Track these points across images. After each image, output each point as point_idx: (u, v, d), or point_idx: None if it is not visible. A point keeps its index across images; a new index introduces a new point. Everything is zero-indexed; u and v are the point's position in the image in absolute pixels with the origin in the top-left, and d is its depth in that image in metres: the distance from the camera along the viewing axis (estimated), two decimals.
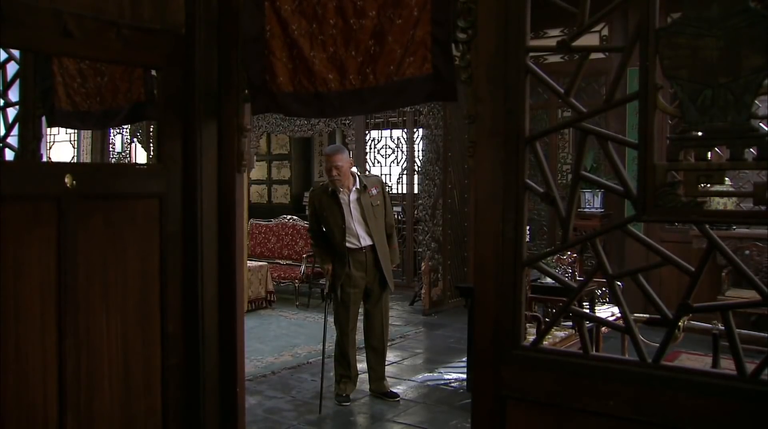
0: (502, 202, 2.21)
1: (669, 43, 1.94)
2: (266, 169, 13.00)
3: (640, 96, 1.97)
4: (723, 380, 1.90)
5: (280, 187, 12.93)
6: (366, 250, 4.84)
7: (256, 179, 12.89)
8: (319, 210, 4.89)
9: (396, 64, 2.43)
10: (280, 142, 12.72)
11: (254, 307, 8.00)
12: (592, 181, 2.15)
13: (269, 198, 13.00)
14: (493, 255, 2.23)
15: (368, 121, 9.58)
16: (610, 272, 2.07)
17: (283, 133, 10.65)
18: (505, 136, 2.20)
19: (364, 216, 4.83)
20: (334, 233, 4.84)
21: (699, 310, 1.93)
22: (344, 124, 9.94)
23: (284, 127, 10.46)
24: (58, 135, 10.79)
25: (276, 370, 5.65)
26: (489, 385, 2.27)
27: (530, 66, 2.17)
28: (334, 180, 4.75)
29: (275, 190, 12.98)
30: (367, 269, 4.86)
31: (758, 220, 1.89)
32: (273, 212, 11.22)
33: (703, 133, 1.90)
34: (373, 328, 5.05)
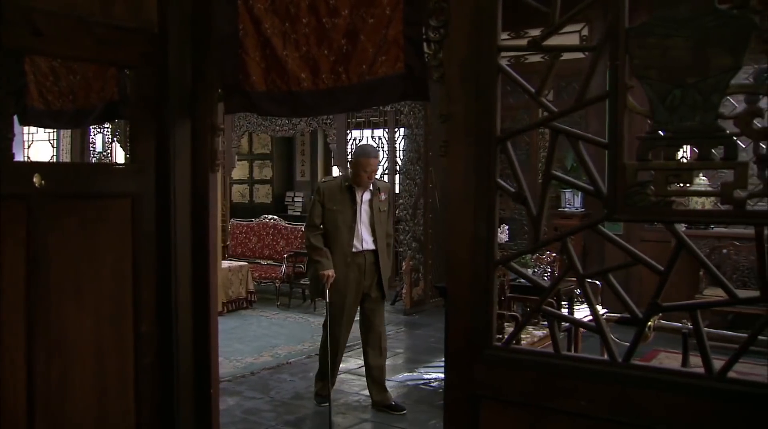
0: (474, 201, 2.21)
1: (639, 43, 1.94)
2: (248, 169, 12.95)
3: (609, 96, 1.97)
4: (691, 379, 1.90)
5: (261, 186, 12.88)
6: (366, 253, 4.66)
7: (237, 179, 12.83)
8: (328, 204, 4.61)
9: (369, 64, 2.42)
10: (262, 142, 12.67)
11: (235, 308, 7.97)
12: (563, 180, 2.15)
13: (251, 198, 12.95)
14: (465, 254, 2.23)
15: (350, 121, 9.55)
16: (581, 272, 2.07)
17: (265, 132, 10.62)
18: (477, 135, 2.20)
19: (372, 219, 4.66)
20: (340, 232, 4.59)
21: (668, 310, 1.94)
22: (326, 124, 9.91)
23: (265, 126, 10.43)
24: (37, 134, 10.66)
25: (255, 370, 5.63)
26: (462, 385, 2.26)
27: (502, 65, 2.17)
28: (364, 182, 4.55)
29: (257, 190, 12.92)
30: (365, 273, 4.67)
31: (727, 219, 1.90)
32: (255, 212, 11.18)
33: (672, 132, 1.90)
34: (371, 338, 4.83)
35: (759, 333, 1.85)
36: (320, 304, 8.33)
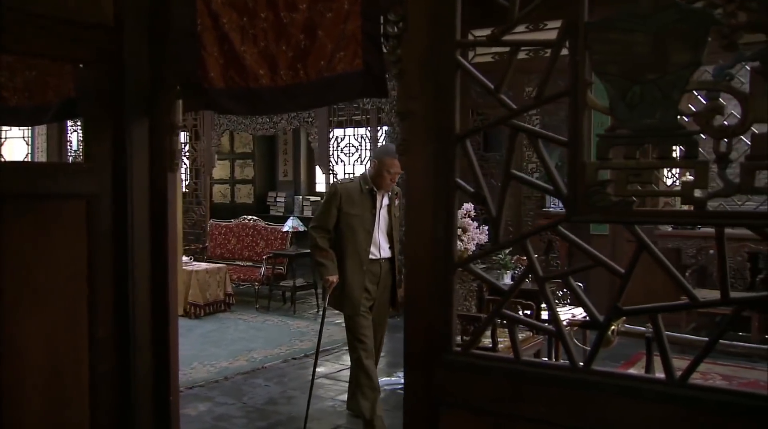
0: (433, 201, 2.17)
1: (599, 38, 1.92)
2: (229, 168, 12.88)
3: (570, 92, 1.94)
4: (652, 385, 1.88)
5: (243, 186, 12.82)
6: (382, 262, 4.43)
7: (218, 179, 12.77)
8: (346, 208, 4.30)
9: (327, 60, 2.38)
10: (244, 141, 12.61)
11: (212, 310, 7.92)
12: (523, 180, 2.12)
13: (232, 198, 12.89)
14: (424, 256, 2.20)
15: (331, 119, 9.52)
16: (540, 274, 2.04)
17: (245, 131, 10.57)
18: (437, 133, 2.17)
19: (390, 226, 4.45)
20: (358, 237, 4.30)
21: (629, 313, 1.91)
22: (307, 122, 9.87)
23: (246, 124, 10.39)
24: (10, 131, 10.56)
25: (229, 375, 5.58)
26: (421, 391, 2.23)
27: (461, 61, 2.14)
28: (386, 184, 4.31)
29: (238, 190, 12.86)
30: (379, 282, 4.42)
31: (687, 220, 1.88)
32: (236, 212, 11.11)
33: (632, 130, 1.88)
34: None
35: (719, 338, 1.82)
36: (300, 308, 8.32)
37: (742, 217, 1.79)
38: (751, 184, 1.74)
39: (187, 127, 10.43)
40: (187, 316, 7.65)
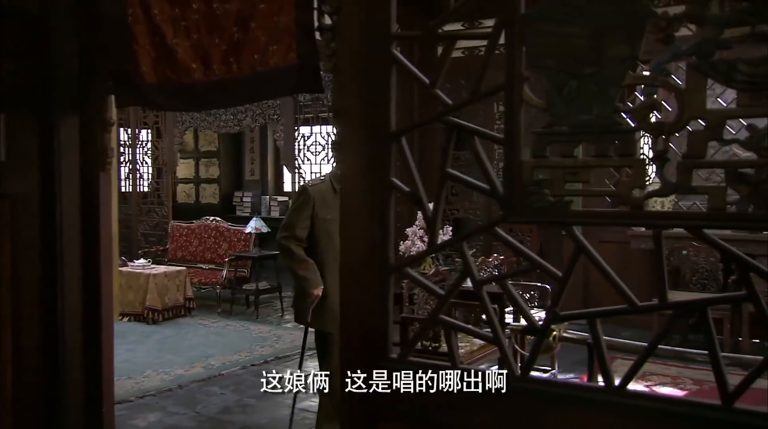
0: (369, 201, 2.13)
1: (535, 30, 1.88)
2: (194, 167, 12.75)
3: (506, 87, 1.91)
4: (591, 393, 1.85)
5: (208, 186, 12.69)
6: None
7: (183, 178, 12.64)
8: (321, 213, 3.99)
9: (260, 53, 2.33)
10: (209, 139, 12.49)
11: (172, 315, 7.82)
12: (459, 179, 2.08)
13: (197, 198, 12.76)
14: (358, 258, 2.15)
15: (297, 117, 9.46)
16: (477, 278, 2.00)
17: (208, 128, 10.47)
18: (371, 130, 2.12)
19: None
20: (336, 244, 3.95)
21: (567, 318, 1.88)
22: (273, 119, 9.81)
23: (209, 122, 10.30)
24: None
25: (184, 383, 5.49)
26: (359, 401, 2.18)
27: (396, 55, 2.09)
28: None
29: (203, 190, 12.74)
30: None
31: (624, 221, 1.85)
32: (201, 213, 10.99)
33: (568, 127, 1.85)
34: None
35: (658, 343, 1.80)
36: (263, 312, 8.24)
37: (679, 218, 1.77)
38: (689, 184, 1.72)
39: (149, 124, 10.33)
40: (145, 321, 7.55)
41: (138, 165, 10.47)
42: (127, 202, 10.48)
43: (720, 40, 1.67)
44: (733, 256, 1.70)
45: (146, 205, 10.44)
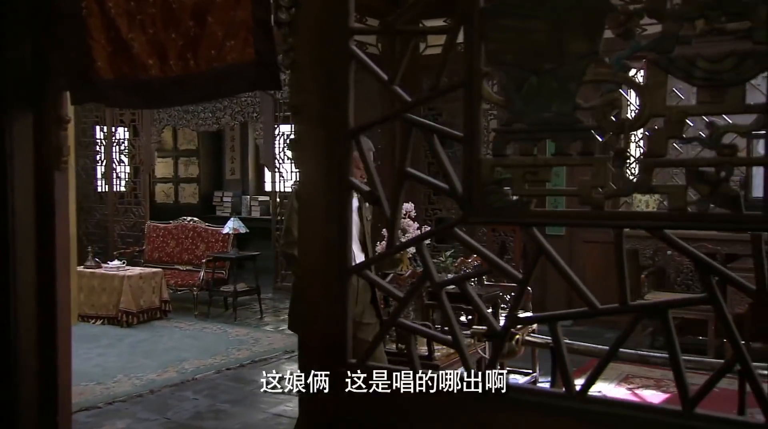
0: (326, 201, 2.10)
1: (495, 25, 1.86)
2: (173, 166, 12.65)
3: (465, 84, 1.88)
4: (551, 399, 1.83)
5: (187, 185, 12.60)
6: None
7: (161, 177, 12.55)
8: None
9: (217, 48, 2.30)
10: (188, 137, 12.40)
11: (147, 318, 7.73)
12: (418, 179, 2.06)
13: (176, 198, 12.66)
14: (317, 260, 2.13)
15: (277, 115, 9.39)
16: (436, 280, 1.98)
17: (186, 126, 10.39)
18: (329, 128, 2.09)
19: (363, 231, 3.97)
20: None
21: (526, 322, 1.86)
22: (252, 118, 9.75)
23: (187, 119, 10.22)
24: None
25: (156, 388, 5.43)
26: (316, 408, 2.15)
27: (354, 50, 2.06)
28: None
29: (182, 189, 12.64)
30: (357, 298, 3.79)
31: (585, 222, 1.83)
32: (180, 213, 10.90)
33: (528, 124, 1.83)
34: None
35: (618, 347, 1.78)
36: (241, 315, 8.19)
37: (639, 218, 1.76)
38: (649, 183, 1.70)
39: (125, 122, 10.24)
40: (119, 324, 7.48)
41: (114, 164, 10.38)
42: (103, 202, 10.39)
43: (680, 36, 1.66)
44: (694, 257, 1.69)
45: (123, 205, 10.35)
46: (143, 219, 10.05)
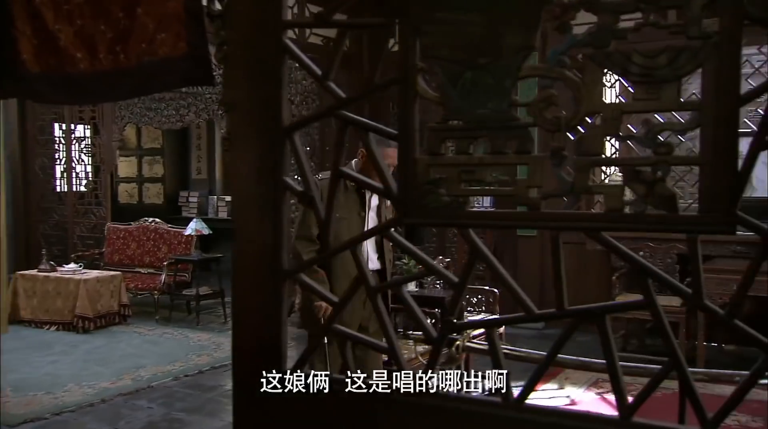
0: (260, 203, 2.06)
1: (430, 18, 1.83)
2: (136, 166, 12.53)
3: (400, 80, 1.85)
4: (485, 407, 1.81)
5: (152, 185, 12.49)
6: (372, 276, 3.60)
7: (124, 177, 12.43)
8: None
9: (148, 41, 2.25)
10: (152, 135, 12.29)
11: (105, 323, 7.64)
12: (356, 179, 2.02)
13: (140, 198, 12.54)
14: (250, 263, 2.09)
15: None
16: (371, 284, 1.94)
17: (149, 124, 10.31)
18: (262, 126, 2.05)
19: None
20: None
21: (462, 328, 1.84)
22: (218, 115, 9.68)
23: (150, 117, 10.14)
24: None
25: (108, 397, 5.35)
26: (250, 417, 2.12)
27: (288, 44, 2.02)
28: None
29: (147, 189, 12.53)
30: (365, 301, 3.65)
31: (522, 223, 1.81)
32: (144, 214, 10.79)
33: (464, 122, 1.80)
34: None
35: (556, 353, 1.76)
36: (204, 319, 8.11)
37: (578, 220, 1.74)
38: (586, 183, 1.68)
39: (85, 119, 10.11)
40: (75, 330, 7.38)
41: (74, 163, 10.23)
42: (62, 202, 10.24)
43: (616, 30, 1.64)
44: (631, 261, 1.67)
45: (83, 205, 10.21)
46: (104, 220, 9.93)
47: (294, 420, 2.06)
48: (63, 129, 10.12)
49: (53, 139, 10.22)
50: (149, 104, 10.05)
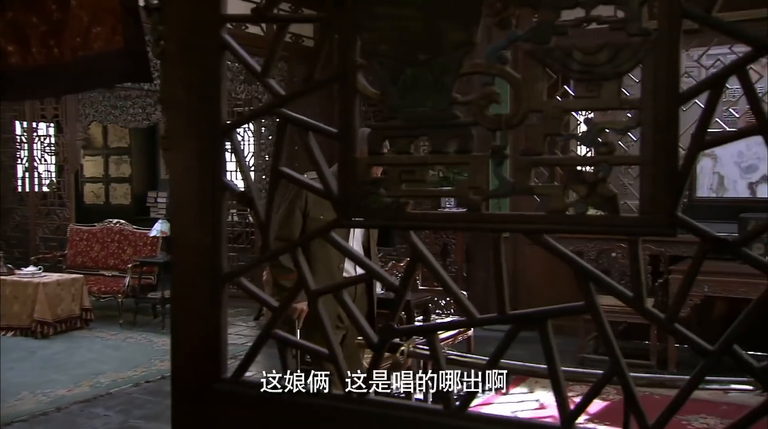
0: (199, 203, 2.02)
1: (370, 13, 1.80)
2: (103, 165, 12.39)
3: (339, 76, 1.82)
4: (428, 415, 1.78)
5: (119, 185, 12.37)
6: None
7: (90, 177, 12.30)
8: (314, 213, 3.69)
9: (83, 35, 2.20)
10: (119, 134, 12.17)
11: (65, 328, 7.55)
12: (292, 178, 1.99)
13: (107, 198, 12.41)
14: (189, 266, 2.05)
15: None
16: (312, 288, 1.91)
17: (115, 122, 10.19)
18: (201, 125, 2.01)
19: (368, 234, 3.76)
20: (329, 251, 3.51)
21: (403, 333, 1.81)
22: None
23: (115, 115, 10.04)
24: None
25: (64, 405, 5.27)
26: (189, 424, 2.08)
27: (226, 39, 1.99)
28: None
29: (114, 190, 12.40)
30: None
31: (462, 225, 1.79)
32: (111, 214, 10.68)
33: (405, 120, 1.78)
34: None
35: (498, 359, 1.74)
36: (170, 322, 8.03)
37: (517, 221, 1.72)
38: (527, 183, 1.66)
39: (47, 117, 9.98)
40: (33, 335, 7.27)
41: (36, 162, 10.10)
42: (24, 203, 10.11)
43: (556, 25, 1.62)
44: (573, 264, 1.65)
45: (46, 206, 10.09)
46: (68, 221, 9.82)
47: (234, 426, 2.03)
48: (24, 127, 9.99)
49: (14, 138, 10.08)
50: (115, 102, 9.94)
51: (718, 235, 1.49)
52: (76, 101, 9.72)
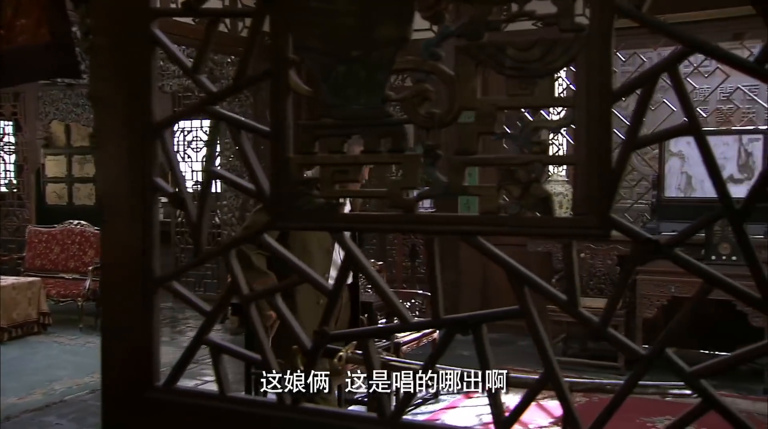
0: (129, 205, 1.98)
1: (302, 7, 1.77)
2: (66, 165, 12.22)
3: (272, 73, 1.79)
4: (362, 423, 1.75)
5: (83, 186, 12.20)
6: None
7: (53, 177, 12.13)
8: None
9: (6, 28, 2.14)
10: (83, 133, 12.00)
11: (21, 333, 7.41)
12: (225, 178, 1.95)
13: (70, 199, 12.24)
14: (119, 270, 2.00)
15: (176, 109, 9.16)
16: (245, 292, 1.88)
17: (77, 121, 10.06)
18: (131, 123, 1.97)
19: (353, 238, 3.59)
20: (313, 258, 3.53)
21: (336, 338, 1.78)
22: None
23: (77, 113, 9.91)
24: None
25: (14, 413, 5.17)
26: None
27: (157, 35, 1.94)
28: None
29: (78, 190, 12.23)
30: (338, 318, 3.50)
31: (396, 226, 1.76)
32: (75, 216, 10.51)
33: (337, 118, 1.74)
34: None
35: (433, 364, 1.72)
36: None
37: (451, 223, 1.69)
38: (460, 183, 1.63)
39: (5, 115, 9.83)
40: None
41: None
42: None
43: (489, 21, 1.60)
44: (508, 268, 1.63)
45: (4, 207, 9.93)
46: (28, 222, 9.67)
47: None
48: None
49: None
50: (76, 100, 9.81)
51: (649, 237, 1.47)
52: (36, 99, 9.59)
